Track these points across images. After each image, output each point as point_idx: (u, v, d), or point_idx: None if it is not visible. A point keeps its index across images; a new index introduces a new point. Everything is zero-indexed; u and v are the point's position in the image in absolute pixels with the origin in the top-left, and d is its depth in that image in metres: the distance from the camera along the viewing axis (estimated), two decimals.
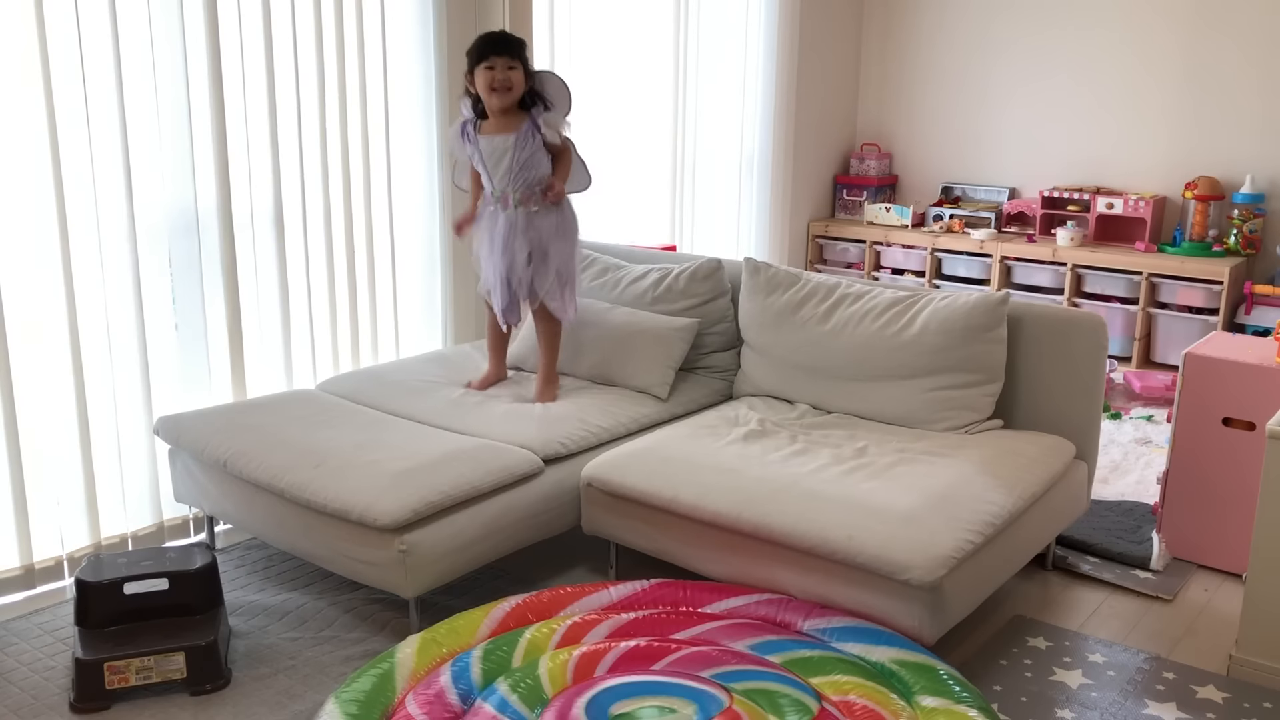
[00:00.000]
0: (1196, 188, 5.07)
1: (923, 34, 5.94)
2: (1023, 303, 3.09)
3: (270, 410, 3.07)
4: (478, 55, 3.06)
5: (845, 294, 3.22)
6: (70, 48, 2.86)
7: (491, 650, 2.36)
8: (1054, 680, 2.56)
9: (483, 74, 3.05)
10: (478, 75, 3.06)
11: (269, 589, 2.97)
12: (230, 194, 3.27)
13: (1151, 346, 5.13)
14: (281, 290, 3.45)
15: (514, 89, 3.06)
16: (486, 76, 3.04)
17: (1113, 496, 3.56)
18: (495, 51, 3.04)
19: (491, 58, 3.03)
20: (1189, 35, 5.14)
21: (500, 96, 3.05)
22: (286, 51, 3.36)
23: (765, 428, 3.00)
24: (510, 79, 3.04)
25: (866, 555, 2.38)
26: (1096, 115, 5.46)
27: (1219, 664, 2.62)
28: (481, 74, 3.05)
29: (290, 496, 2.69)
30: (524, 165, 3.10)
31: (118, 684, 2.41)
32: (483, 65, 3.04)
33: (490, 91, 3.05)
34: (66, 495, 3.02)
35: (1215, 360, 3.00)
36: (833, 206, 6.24)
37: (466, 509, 2.68)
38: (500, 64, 3.03)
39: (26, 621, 2.79)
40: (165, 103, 3.11)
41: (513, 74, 3.05)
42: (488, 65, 3.04)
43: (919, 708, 2.18)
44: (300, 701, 2.43)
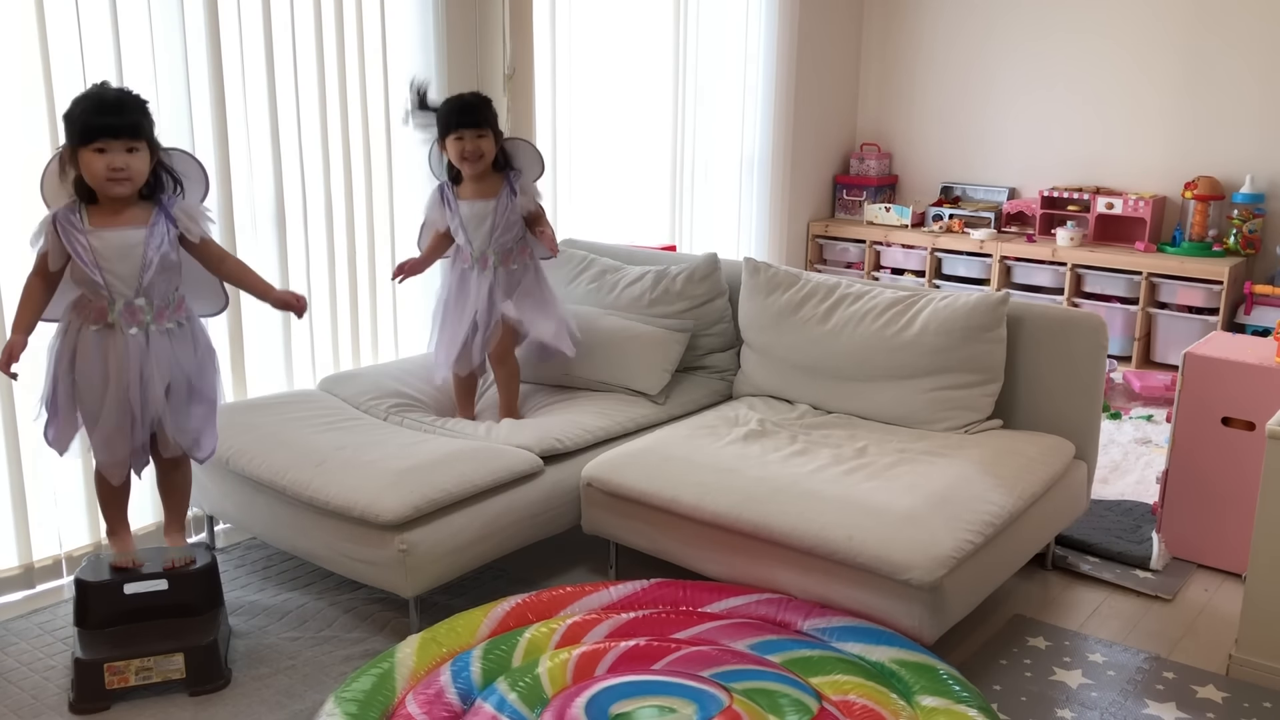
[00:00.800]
0: (1196, 188, 5.07)
1: (923, 34, 5.94)
2: (1023, 303, 3.08)
3: (270, 410, 3.07)
4: (444, 126, 3.08)
5: (845, 294, 3.22)
6: (71, 48, 2.86)
7: (491, 650, 2.36)
8: (1054, 680, 2.56)
9: (453, 144, 3.07)
10: (449, 144, 3.08)
11: (269, 589, 2.97)
12: (230, 194, 3.27)
13: (1151, 346, 5.13)
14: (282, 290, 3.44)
15: (485, 156, 3.09)
16: (457, 147, 3.07)
17: (1113, 496, 3.56)
18: (463, 124, 3.05)
19: (459, 130, 3.05)
20: (1189, 35, 5.14)
21: (472, 165, 3.09)
22: (286, 51, 3.36)
23: (765, 428, 3.00)
24: (480, 147, 3.06)
25: (866, 555, 2.38)
26: (1096, 115, 5.45)
27: (1219, 664, 2.62)
28: (452, 144, 3.07)
29: (291, 494, 2.69)
30: (504, 228, 3.12)
31: (117, 684, 2.41)
32: (451, 136, 3.06)
33: (462, 160, 3.08)
34: (66, 494, 3.02)
35: (1215, 360, 3.00)
36: (832, 206, 6.24)
37: (466, 508, 2.68)
38: (469, 135, 3.05)
39: (26, 621, 2.79)
40: (165, 103, 3.10)
41: (482, 142, 3.07)
42: (456, 136, 3.05)
43: (919, 707, 2.18)
44: (300, 701, 2.43)
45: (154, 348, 2.41)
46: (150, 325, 2.40)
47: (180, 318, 2.47)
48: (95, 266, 2.33)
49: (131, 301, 2.37)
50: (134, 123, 2.32)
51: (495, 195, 3.11)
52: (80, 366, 2.40)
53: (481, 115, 3.07)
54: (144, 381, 2.41)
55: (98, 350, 2.39)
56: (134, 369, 2.40)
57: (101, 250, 2.33)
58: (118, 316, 2.37)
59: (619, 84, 4.71)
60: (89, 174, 2.31)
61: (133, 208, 2.38)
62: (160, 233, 2.39)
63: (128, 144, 2.31)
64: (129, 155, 2.31)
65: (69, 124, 2.31)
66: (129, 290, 2.37)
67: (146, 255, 2.36)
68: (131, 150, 2.31)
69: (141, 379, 2.41)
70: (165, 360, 2.44)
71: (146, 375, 2.41)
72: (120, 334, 2.38)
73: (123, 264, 2.35)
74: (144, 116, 2.35)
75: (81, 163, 2.31)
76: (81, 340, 2.39)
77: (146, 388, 2.42)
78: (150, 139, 2.37)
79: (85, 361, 2.39)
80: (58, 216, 2.34)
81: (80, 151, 2.30)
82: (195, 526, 3.27)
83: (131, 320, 2.38)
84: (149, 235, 2.37)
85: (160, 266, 2.39)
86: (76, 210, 2.35)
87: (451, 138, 3.06)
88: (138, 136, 2.32)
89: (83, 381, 2.41)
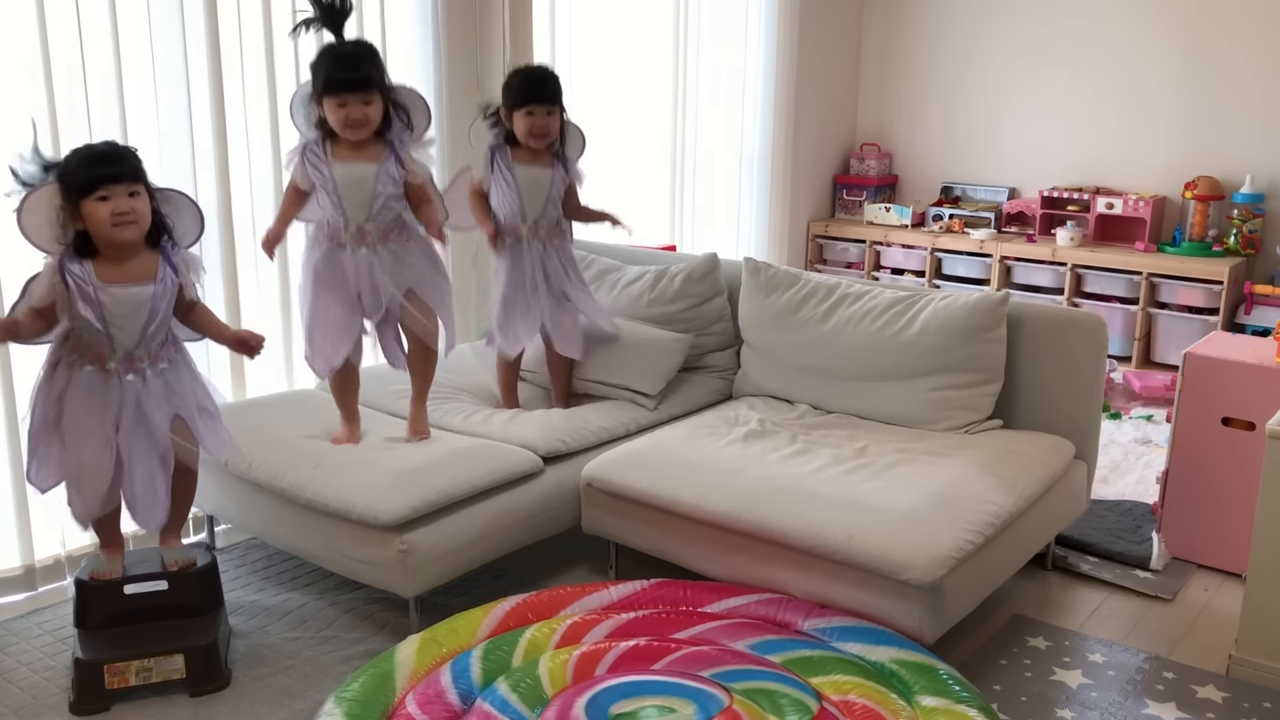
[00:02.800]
0: (1196, 188, 5.07)
1: (923, 34, 5.94)
2: (1023, 303, 3.08)
3: (270, 410, 3.07)
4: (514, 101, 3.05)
5: (845, 294, 3.22)
6: (71, 48, 2.86)
7: (491, 650, 2.36)
8: (1054, 680, 2.56)
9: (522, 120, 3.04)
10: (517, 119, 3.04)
11: (269, 589, 2.97)
12: (230, 194, 3.27)
13: (1151, 346, 5.13)
14: (282, 290, 3.44)
15: (551, 133, 3.08)
16: (526, 123, 3.03)
17: (1113, 496, 3.56)
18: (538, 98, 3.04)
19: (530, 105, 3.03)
20: (1189, 35, 5.14)
21: (538, 140, 3.06)
22: (286, 51, 3.36)
23: (765, 428, 3.00)
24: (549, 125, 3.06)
25: (866, 555, 2.38)
26: (1096, 115, 5.45)
27: (1219, 664, 2.62)
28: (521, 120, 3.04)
29: (290, 496, 2.69)
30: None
31: (117, 685, 2.41)
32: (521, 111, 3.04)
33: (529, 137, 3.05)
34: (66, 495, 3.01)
35: (1215, 360, 3.00)
36: (833, 206, 6.24)
37: (466, 508, 2.68)
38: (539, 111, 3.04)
39: (26, 621, 2.79)
40: (165, 103, 3.10)
41: (551, 120, 3.07)
42: (527, 112, 3.03)
43: (919, 707, 2.18)
44: (300, 701, 2.43)
45: (152, 390, 2.41)
46: (147, 370, 2.40)
47: (171, 354, 2.46)
48: (103, 320, 2.32)
49: (132, 351, 2.38)
50: (133, 168, 2.33)
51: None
52: (70, 402, 2.37)
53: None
54: (149, 425, 2.40)
55: (90, 392, 2.36)
56: (129, 414, 2.38)
57: (111, 307, 2.32)
58: (116, 365, 2.37)
59: (619, 84, 4.71)
60: (94, 223, 2.29)
61: (138, 259, 2.37)
62: (165, 285, 2.39)
63: (129, 188, 2.30)
64: (132, 199, 2.31)
65: (66, 182, 2.29)
66: (130, 342, 2.37)
67: (153, 309, 2.37)
68: (133, 194, 2.31)
69: (142, 422, 2.39)
70: (165, 399, 2.43)
71: (150, 417, 2.40)
72: (116, 379, 2.37)
73: (130, 320, 2.35)
74: (138, 162, 2.35)
75: (85, 215, 2.28)
76: (74, 379, 2.37)
77: (153, 429, 2.41)
78: (147, 183, 2.37)
79: (75, 399, 2.36)
80: (66, 266, 2.31)
81: (83, 204, 2.28)
82: (195, 526, 3.27)
83: (129, 368, 2.38)
84: (157, 292, 2.37)
85: (164, 317, 2.41)
86: (82, 264, 2.31)
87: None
88: (138, 180, 2.33)
89: (69, 418, 2.37)
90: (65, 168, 2.30)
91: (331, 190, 2.77)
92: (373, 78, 2.73)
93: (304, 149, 2.80)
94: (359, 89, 2.70)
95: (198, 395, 2.52)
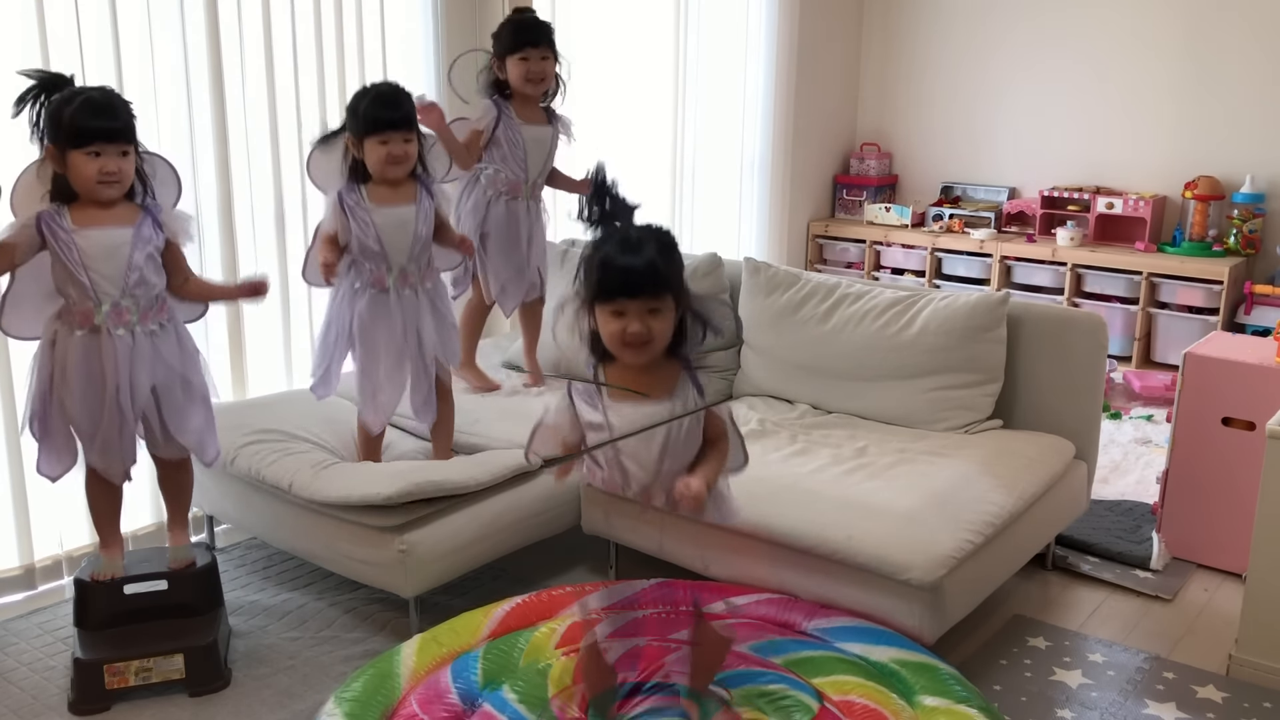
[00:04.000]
0: (1196, 187, 5.07)
1: (922, 34, 5.93)
2: (1023, 303, 3.09)
3: (270, 410, 3.06)
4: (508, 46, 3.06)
5: (845, 294, 3.22)
6: (71, 48, 2.86)
7: (492, 650, 2.36)
8: (1054, 680, 2.56)
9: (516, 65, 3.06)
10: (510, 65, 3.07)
11: (269, 589, 2.97)
12: (230, 194, 3.27)
13: (1151, 346, 5.13)
14: (282, 290, 3.44)
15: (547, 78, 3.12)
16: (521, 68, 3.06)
17: (1113, 496, 3.56)
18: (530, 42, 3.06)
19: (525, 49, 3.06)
20: (1189, 35, 5.13)
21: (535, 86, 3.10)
22: (286, 51, 3.36)
23: (765, 428, 3.00)
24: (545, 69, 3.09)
25: (866, 555, 2.38)
26: (1096, 115, 5.45)
27: (1219, 664, 2.62)
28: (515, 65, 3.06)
29: (290, 496, 2.69)
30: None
31: (117, 685, 2.41)
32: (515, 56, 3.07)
33: (525, 82, 3.08)
34: (67, 495, 3.01)
35: (1215, 360, 2.99)
36: (833, 206, 6.23)
37: (466, 509, 2.68)
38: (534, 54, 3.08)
39: (26, 621, 2.79)
40: (165, 102, 3.10)
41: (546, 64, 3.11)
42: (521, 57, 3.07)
43: (920, 708, 2.18)
44: (300, 701, 2.43)
45: (139, 349, 2.38)
46: (136, 326, 2.37)
47: (163, 319, 2.44)
48: (81, 266, 2.30)
49: (118, 302, 2.34)
50: (128, 125, 2.30)
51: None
52: (70, 375, 2.36)
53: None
54: (133, 383, 2.39)
55: (86, 356, 2.35)
56: (124, 371, 2.37)
57: (86, 249, 2.29)
58: (104, 318, 2.34)
59: (619, 84, 4.70)
60: (78, 177, 2.27)
61: (117, 207, 2.35)
62: (146, 234, 2.36)
63: (121, 148, 2.29)
64: (121, 159, 2.29)
65: (55, 124, 2.26)
66: (115, 290, 2.33)
67: (132, 254, 2.33)
68: (124, 154, 2.30)
69: (131, 380, 2.38)
70: (152, 360, 2.41)
71: (135, 376, 2.38)
72: (108, 337, 2.35)
73: (108, 263, 2.32)
74: (132, 118, 2.33)
75: (70, 164, 2.27)
76: (69, 348, 2.35)
77: (135, 389, 2.39)
78: (136, 142, 2.35)
79: (75, 369, 2.35)
80: (43, 216, 2.30)
81: (71, 154, 2.26)
82: (195, 526, 3.27)
83: (118, 321, 2.35)
84: (135, 235, 2.34)
85: (145, 265, 2.36)
86: (60, 212, 2.31)
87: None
88: (130, 140, 2.31)
89: (74, 391, 2.36)
90: (58, 109, 2.26)
91: (373, 236, 2.69)
92: (411, 116, 2.71)
93: (340, 198, 2.72)
94: (401, 127, 2.67)
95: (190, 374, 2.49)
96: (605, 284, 1.94)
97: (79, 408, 2.38)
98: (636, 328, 1.91)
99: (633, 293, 1.92)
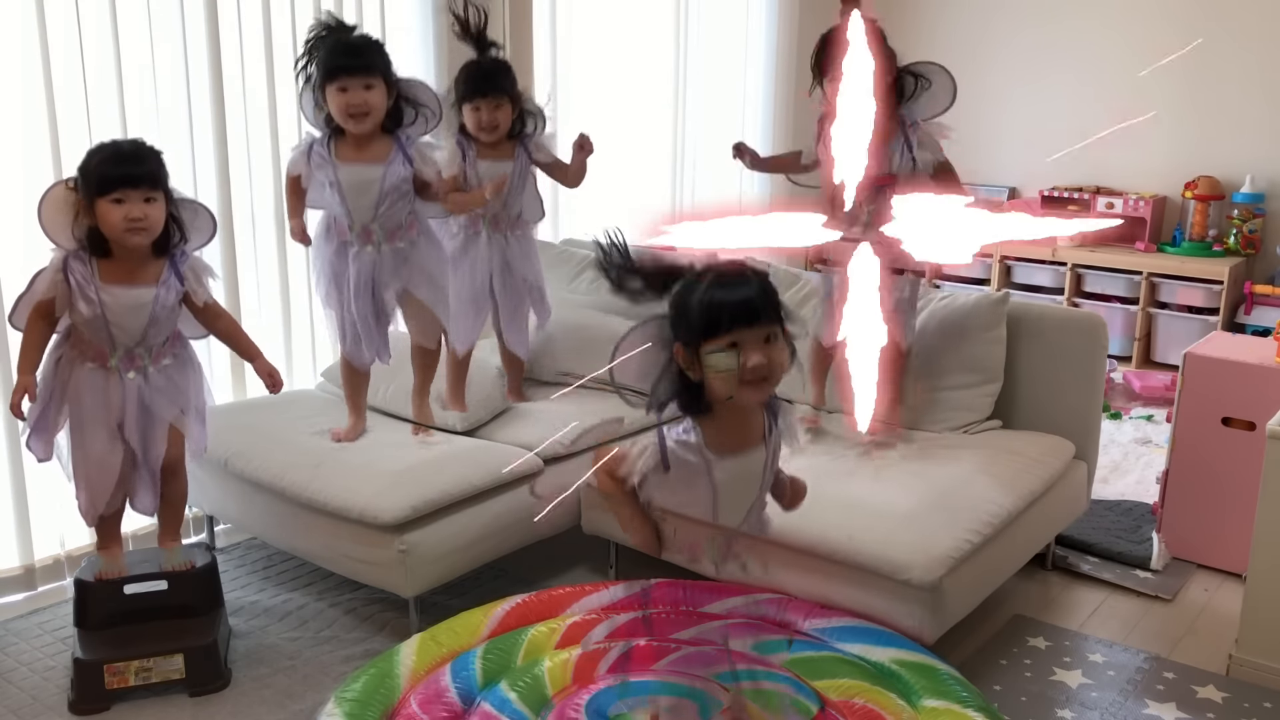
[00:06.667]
0: (1196, 187, 5.07)
1: (922, 33, 5.92)
2: (1023, 303, 3.09)
3: (270, 410, 3.06)
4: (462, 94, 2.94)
5: None
6: (71, 48, 2.86)
7: (492, 650, 2.36)
8: (1054, 680, 2.56)
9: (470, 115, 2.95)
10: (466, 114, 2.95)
11: (269, 589, 2.97)
12: (230, 194, 3.27)
13: (1151, 346, 5.13)
14: (282, 290, 3.44)
15: (500, 127, 2.96)
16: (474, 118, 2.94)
17: (1113, 496, 3.56)
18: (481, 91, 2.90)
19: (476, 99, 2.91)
20: (1189, 35, 5.13)
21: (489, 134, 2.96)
22: (286, 51, 3.35)
23: None
24: (497, 118, 2.92)
25: (866, 555, 2.38)
26: (1096, 115, 5.43)
27: (1219, 664, 2.62)
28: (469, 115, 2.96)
29: (290, 496, 2.69)
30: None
31: (117, 685, 2.41)
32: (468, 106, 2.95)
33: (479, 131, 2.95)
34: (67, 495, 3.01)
35: (1215, 360, 2.99)
36: None
37: (466, 509, 2.68)
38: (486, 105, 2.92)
39: (26, 621, 2.79)
40: (165, 102, 3.10)
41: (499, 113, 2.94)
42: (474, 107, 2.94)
43: (920, 708, 2.18)
44: (300, 701, 2.43)
45: (154, 387, 2.42)
46: (149, 368, 2.41)
47: (175, 350, 2.47)
48: (103, 321, 2.33)
49: (132, 350, 2.38)
50: (151, 172, 2.31)
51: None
52: (74, 399, 2.38)
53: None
54: (146, 420, 2.41)
55: (92, 388, 2.38)
56: (131, 410, 2.40)
57: (111, 306, 2.33)
58: (117, 362, 2.38)
59: (619, 83, 4.70)
60: (106, 225, 2.29)
61: (145, 263, 2.37)
62: (169, 290, 2.38)
63: (145, 194, 2.29)
64: (146, 205, 2.29)
65: (84, 177, 2.29)
66: (130, 341, 2.38)
67: (154, 312, 2.37)
68: (149, 200, 2.30)
69: (146, 418, 2.41)
70: (167, 396, 2.43)
71: (153, 410, 2.41)
72: (118, 378, 2.38)
73: (130, 320, 2.36)
74: (160, 166, 2.34)
75: (98, 214, 2.28)
76: (77, 374, 2.38)
77: (149, 425, 2.42)
78: (166, 189, 2.36)
79: (79, 396, 2.38)
80: (70, 265, 2.32)
81: (97, 202, 2.27)
82: (195, 526, 3.27)
83: (130, 366, 2.39)
84: (158, 295, 2.36)
85: (164, 319, 2.40)
86: (87, 262, 2.32)
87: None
88: (156, 186, 2.31)
89: (74, 414, 2.39)
90: (87, 162, 2.30)
91: (336, 191, 2.73)
92: (375, 63, 2.66)
93: (309, 147, 2.76)
94: (359, 72, 2.63)
95: (198, 394, 2.53)
96: (714, 319, 1.79)
97: (77, 437, 2.40)
98: (757, 359, 1.77)
99: (751, 320, 1.78)
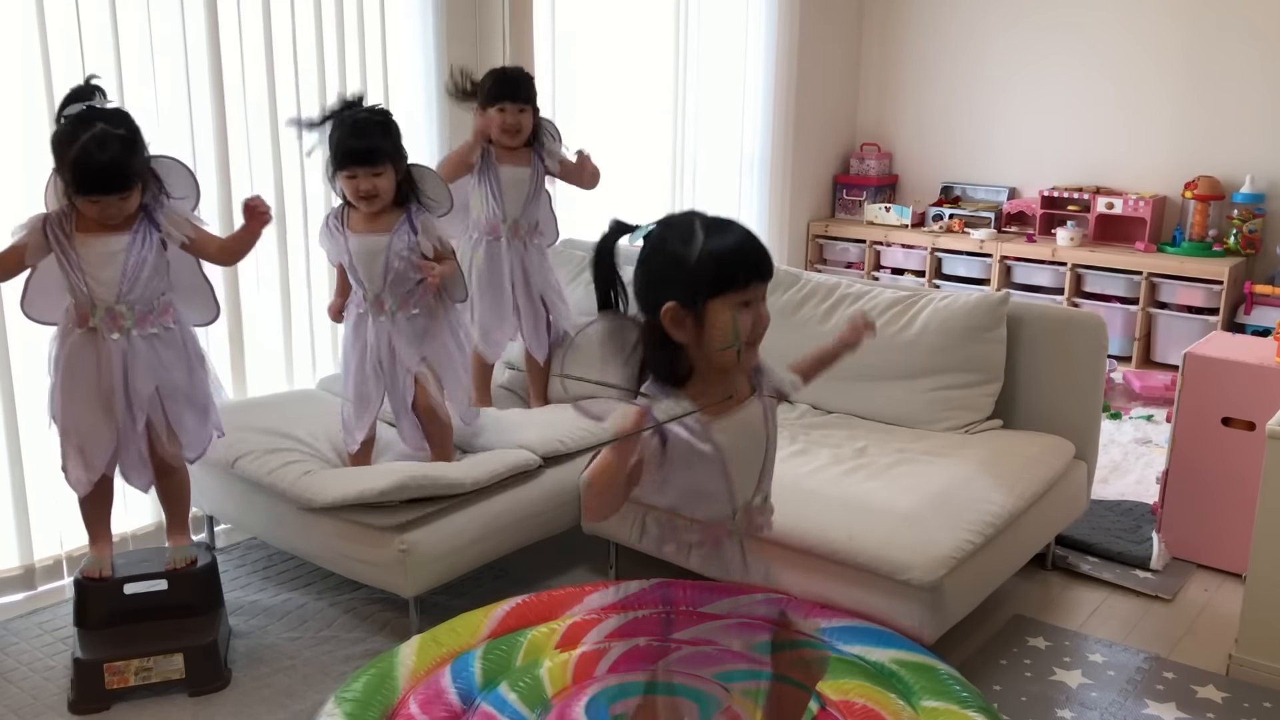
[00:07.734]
0: (1196, 188, 5.07)
1: (923, 33, 5.93)
2: (1023, 303, 3.08)
3: (270, 410, 3.06)
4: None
5: (845, 294, 3.22)
6: (71, 48, 2.86)
7: (492, 650, 2.36)
8: (1054, 680, 2.56)
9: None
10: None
11: (269, 589, 2.97)
12: (230, 194, 3.27)
13: (1151, 346, 5.13)
14: (282, 290, 3.44)
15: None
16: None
17: (1113, 496, 3.56)
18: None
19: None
20: (1190, 35, 5.13)
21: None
22: (286, 51, 3.36)
23: None
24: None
25: (866, 555, 2.38)
26: (1097, 115, 5.45)
27: (1219, 664, 2.62)
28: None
29: (290, 496, 2.69)
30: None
31: (117, 684, 2.41)
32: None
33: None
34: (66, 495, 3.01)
35: (1215, 360, 2.99)
36: (833, 206, 6.23)
37: (466, 509, 2.68)
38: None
39: (26, 621, 2.79)
40: (165, 102, 3.10)
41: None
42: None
43: (920, 708, 2.18)
44: (300, 701, 2.43)
45: (137, 352, 2.41)
46: (132, 330, 2.40)
47: (166, 323, 2.46)
48: (79, 271, 2.35)
49: (113, 307, 2.38)
50: (127, 176, 2.31)
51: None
52: (66, 369, 2.41)
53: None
54: (129, 388, 2.41)
55: (82, 354, 2.40)
56: (117, 374, 2.40)
57: (85, 256, 2.35)
58: (99, 322, 2.38)
59: (619, 84, 4.71)
60: (83, 210, 2.34)
61: (122, 218, 2.38)
62: (143, 239, 2.39)
63: (120, 195, 2.32)
64: (121, 202, 2.33)
65: (61, 165, 2.30)
66: (110, 296, 2.37)
67: (127, 262, 2.37)
68: (124, 199, 2.33)
69: (126, 385, 2.40)
70: (150, 365, 2.43)
71: (131, 381, 2.40)
72: (102, 340, 2.39)
73: (105, 270, 2.36)
74: (137, 159, 2.34)
75: (77, 202, 2.32)
76: (72, 343, 2.41)
77: (132, 394, 2.41)
78: (144, 178, 2.37)
79: (74, 365, 2.40)
80: (50, 220, 2.36)
81: (76, 199, 2.31)
82: (195, 526, 3.27)
83: (113, 325, 2.39)
84: (131, 242, 2.37)
85: (141, 272, 2.39)
86: (69, 217, 2.36)
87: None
88: (128, 187, 2.33)
89: (69, 385, 2.41)
90: (66, 157, 2.28)
91: (349, 262, 2.77)
92: (382, 151, 2.69)
93: (326, 220, 2.84)
94: (366, 162, 2.66)
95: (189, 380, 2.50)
96: (729, 273, 1.68)
97: (67, 402, 2.41)
98: (767, 314, 1.71)
99: (765, 275, 1.69)
